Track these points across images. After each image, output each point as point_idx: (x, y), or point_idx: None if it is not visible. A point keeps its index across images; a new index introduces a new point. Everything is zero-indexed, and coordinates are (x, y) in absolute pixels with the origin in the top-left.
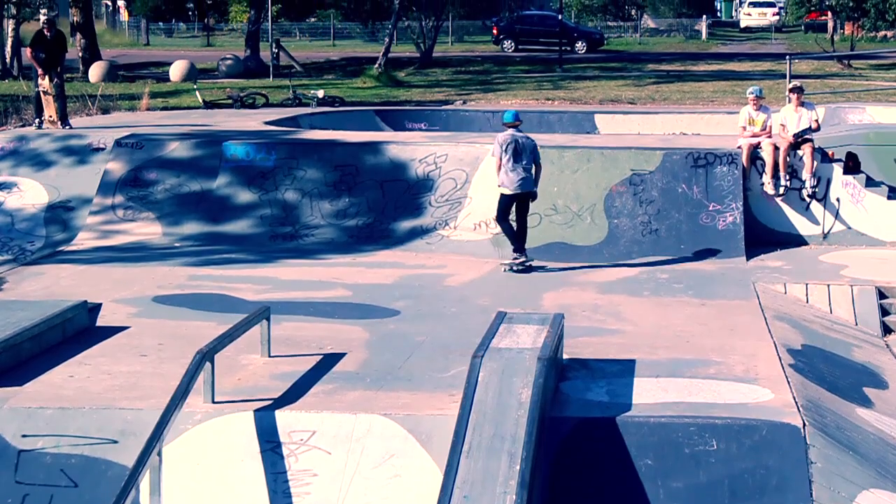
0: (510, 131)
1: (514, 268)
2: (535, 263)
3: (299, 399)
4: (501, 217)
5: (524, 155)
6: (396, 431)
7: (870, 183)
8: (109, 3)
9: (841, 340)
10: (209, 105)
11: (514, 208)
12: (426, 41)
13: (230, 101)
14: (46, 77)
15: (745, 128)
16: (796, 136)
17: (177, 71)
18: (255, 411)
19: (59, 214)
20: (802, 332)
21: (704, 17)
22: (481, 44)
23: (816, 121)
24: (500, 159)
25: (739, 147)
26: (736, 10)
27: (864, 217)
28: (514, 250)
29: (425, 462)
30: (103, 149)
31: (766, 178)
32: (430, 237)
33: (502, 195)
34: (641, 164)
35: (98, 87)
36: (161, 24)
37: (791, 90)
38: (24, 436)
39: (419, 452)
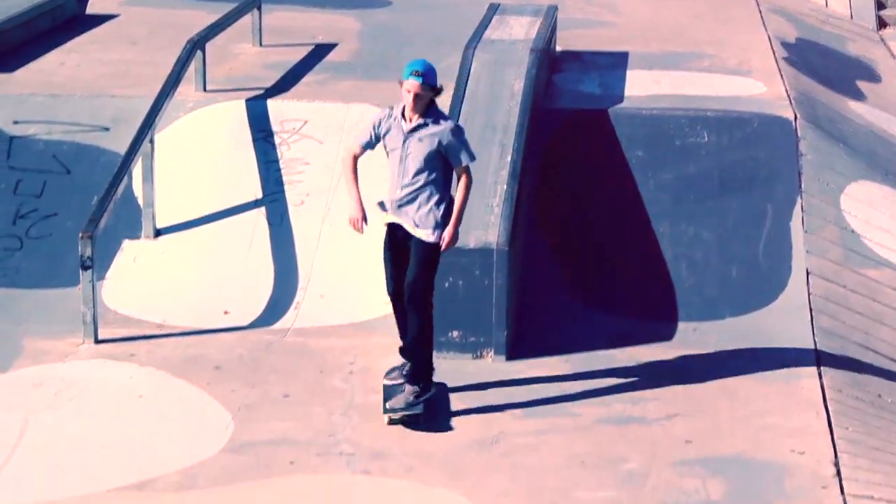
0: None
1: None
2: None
3: (291, 88)
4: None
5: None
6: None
7: None
8: None
9: (835, 34)
10: None
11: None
12: None
13: None
14: None
15: None
16: None
17: None
18: (247, 100)
19: None
20: (797, 26)
21: None
22: None
23: None
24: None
25: None
26: None
27: None
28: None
29: None
30: None
31: None
32: None
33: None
34: None
35: None
36: None
37: None
38: (15, 122)
39: None
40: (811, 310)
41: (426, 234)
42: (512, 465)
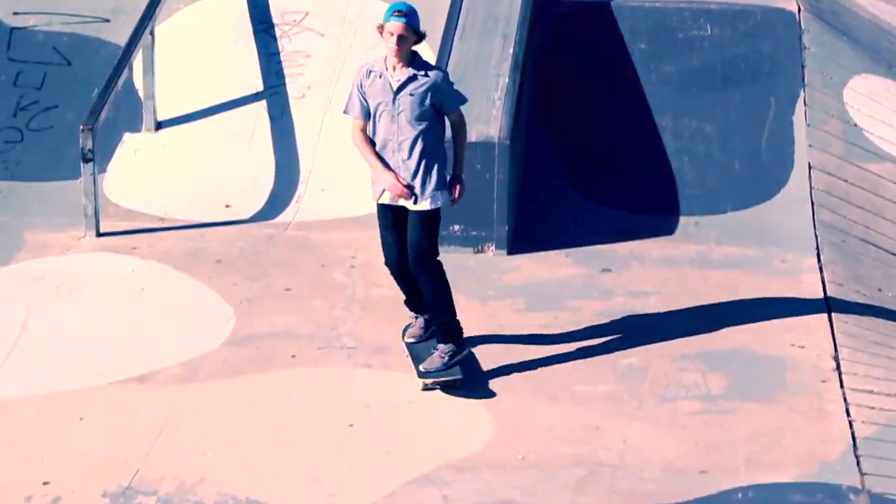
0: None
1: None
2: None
3: None
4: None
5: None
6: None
7: None
8: None
9: None
10: None
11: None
12: None
13: None
14: None
15: None
16: None
17: None
18: None
19: None
20: None
21: None
22: None
23: None
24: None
25: None
26: None
27: None
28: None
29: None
30: None
31: None
32: None
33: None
34: None
35: None
36: None
37: None
38: (15, 13)
39: None
40: (813, 204)
41: (426, 205)
42: (512, 360)
